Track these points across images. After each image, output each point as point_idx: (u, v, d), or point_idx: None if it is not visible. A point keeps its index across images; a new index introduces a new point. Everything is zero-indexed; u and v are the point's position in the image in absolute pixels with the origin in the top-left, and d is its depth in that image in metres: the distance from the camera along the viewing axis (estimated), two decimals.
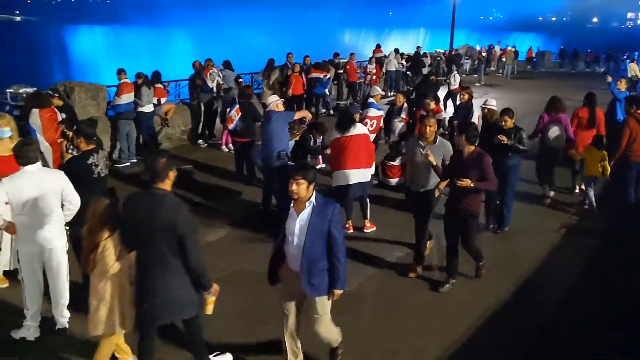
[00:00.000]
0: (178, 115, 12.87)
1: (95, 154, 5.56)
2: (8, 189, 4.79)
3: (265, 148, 8.09)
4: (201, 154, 12.12)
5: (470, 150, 6.08)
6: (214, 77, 12.54)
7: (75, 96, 10.51)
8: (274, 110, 8.09)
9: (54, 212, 5.01)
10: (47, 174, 5.07)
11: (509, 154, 7.71)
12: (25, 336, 5.19)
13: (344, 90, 18.55)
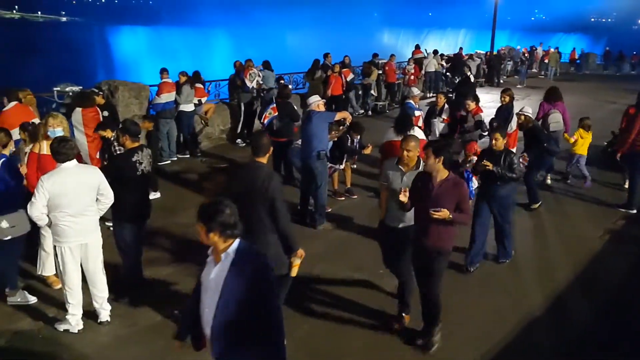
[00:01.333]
0: (217, 115, 13.03)
1: (140, 151, 5.68)
2: (47, 186, 4.92)
3: (305, 148, 8.11)
4: (239, 154, 12.23)
5: (444, 177, 4.92)
6: (254, 77, 12.65)
7: (119, 95, 10.74)
8: (315, 110, 8.10)
9: (90, 207, 5.16)
10: (83, 170, 5.21)
11: (498, 183, 6.68)
12: (68, 329, 5.33)
13: (382, 91, 18.46)
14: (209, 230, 3.28)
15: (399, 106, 16.08)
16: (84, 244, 5.20)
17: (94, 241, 5.27)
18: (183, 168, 10.80)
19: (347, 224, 8.37)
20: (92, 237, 5.24)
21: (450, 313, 5.94)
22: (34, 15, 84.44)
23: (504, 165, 6.50)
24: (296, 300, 6.05)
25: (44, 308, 5.72)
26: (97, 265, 5.35)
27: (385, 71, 17.99)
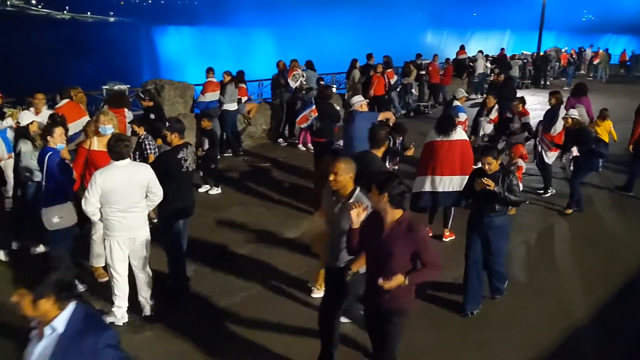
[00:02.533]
0: (260, 114, 13.14)
1: (185, 148, 5.77)
2: (99, 182, 5.06)
3: (347, 148, 8.09)
4: (281, 153, 12.31)
5: (395, 218, 3.85)
6: (298, 77, 12.71)
7: (165, 94, 10.95)
8: (357, 110, 8.08)
9: (140, 203, 5.28)
10: (135, 167, 5.33)
11: (496, 208, 5.71)
12: (114, 321, 5.45)
13: (425, 92, 18.29)
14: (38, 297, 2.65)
15: (442, 107, 15.90)
16: (132, 238, 5.33)
17: (142, 236, 5.39)
18: (225, 166, 10.93)
19: None
20: (140, 232, 5.37)
21: (494, 318, 5.86)
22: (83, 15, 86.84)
23: (503, 186, 5.64)
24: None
25: (92, 300, 5.87)
26: (143, 260, 5.48)
27: (429, 71, 17.82)
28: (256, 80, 14.38)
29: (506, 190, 5.59)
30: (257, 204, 9.02)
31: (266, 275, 6.58)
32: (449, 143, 7.32)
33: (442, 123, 7.53)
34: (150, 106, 9.19)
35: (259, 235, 7.79)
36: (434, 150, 7.44)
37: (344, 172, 4.43)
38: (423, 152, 7.67)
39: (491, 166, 5.67)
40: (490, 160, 5.64)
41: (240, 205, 8.96)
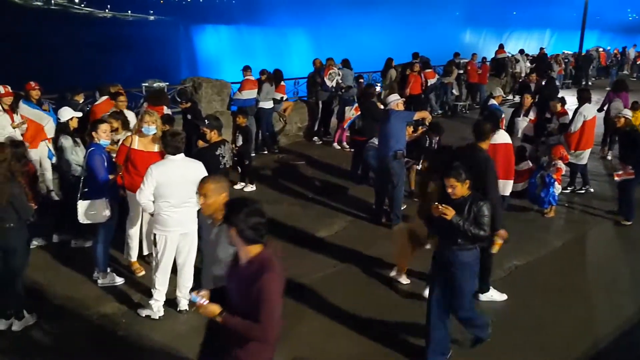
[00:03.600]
0: (295, 113, 13.17)
1: (223, 145, 5.84)
2: (155, 175, 5.17)
3: (382, 147, 8.05)
4: (315, 151, 12.32)
5: (250, 255, 3.19)
6: (334, 76, 12.69)
7: (203, 91, 11.07)
8: (394, 109, 8.02)
9: (191, 199, 5.33)
10: (189, 164, 5.40)
11: (459, 242, 4.74)
12: (150, 314, 5.54)
13: (463, 91, 18.05)
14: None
15: (479, 107, 15.67)
16: (183, 234, 5.41)
17: (191, 232, 5.47)
18: (260, 164, 10.99)
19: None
20: (190, 227, 5.44)
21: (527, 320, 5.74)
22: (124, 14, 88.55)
23: (468, 217, 4.67)
24: (370, 300, 6.04)
25: (130, 293, 5.97)
26: (190, 256, 5.55)
27: (467, 71, 17.58)
28: (292, 79, 14.41)
29: (471, 221, 4.65)
30: (291, 202, 9.05)
31: (298, 273, 6.58)
32: (492, 146, 7.18)
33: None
34: (187, 107, 9.31)
35: (292, 232, 7.80)
36: None
37: (214, 194, 3.85)
38: None
39: (455, 190, 4.71)
40: (454, 182, 4.71)
41: (275, 202, 8.99)
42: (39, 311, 5.48)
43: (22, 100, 7.93)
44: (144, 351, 5.08)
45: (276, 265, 3.17)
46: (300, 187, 9.69)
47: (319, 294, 6.14)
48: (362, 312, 5.82)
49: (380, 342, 5.27)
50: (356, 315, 5.76)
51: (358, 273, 6.70)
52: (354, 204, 8.96)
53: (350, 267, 6.86)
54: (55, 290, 5.98)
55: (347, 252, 7.24)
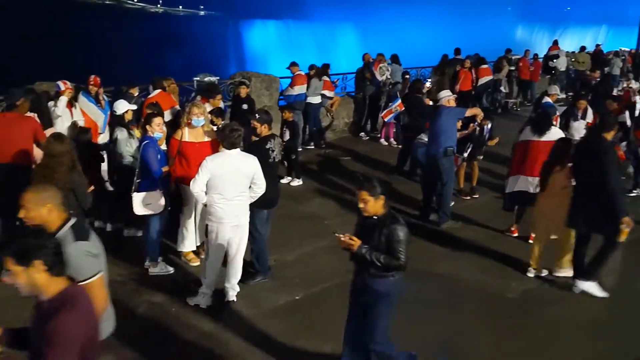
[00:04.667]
0: (342, 108, 13.16)
1: (272, 139, 5.88)
2: (210, 166, 5.26)
3: (432, 143, 7.94)
4: (362, 147, 12.28)
5: (53, 292, 2.60)
6: (384, 71, 12.62)
7: (252, 86, 11.17)
8: (445, 105, 7.92)
9: (244, 193, 5.43)
10: (244, 158, 5.47)
11: (371, 271, 4.15)
12: (199, 303, 5.65)
13: (514, 88, 17.66)
14: None
15: (530, 105, 15.31)
16: (235, 226, 5.50)
17: (243, 224, 5.56)
18: (307, 159, 11.03)
19: (472, 224, 8.10)
20: (242, 220, 5.53)
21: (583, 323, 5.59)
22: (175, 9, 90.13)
23: (379, 242, 4.05)
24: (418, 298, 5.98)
25: (181, 283, 6.10)
26: (240, 248, 5.65)
27: (519, 67, 17.18)
28: (340, 74, 14.39)
29: (383, 246, 4.01)
30: (337, 197, 9.05)
31: (345, 269, 6.56)
32: (544, 143, 7.03)
33: (538, 121, 7.28)
34: (245, 98, 9.42)
35: (339, 228, 7.76)
36: (527, 150, 7.20)
37: (36, 205, 3.21)
38: (516, 151, 7.42)
39: (367, 206, 4.07)
40: (366, 197, 4.05)
41: (321, 197, 9.02)
42: None
43: (82, 92, 8.17)
44: (192, 340, 5.17)
45: (81, 304, 2.62)
46: (347, 183, 9.67)
47: None
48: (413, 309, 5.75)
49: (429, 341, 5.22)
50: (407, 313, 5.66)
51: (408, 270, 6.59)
52: (401, 201, 8.89)
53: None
54: (110, 277, 6.13)
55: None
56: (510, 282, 6.40)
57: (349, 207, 8.61)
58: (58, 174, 5.00)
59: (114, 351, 4.85)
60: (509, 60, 17.10)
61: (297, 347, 5.09)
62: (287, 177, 9.56)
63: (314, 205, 8.66)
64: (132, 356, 4.86)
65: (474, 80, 14.54)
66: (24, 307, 2.98)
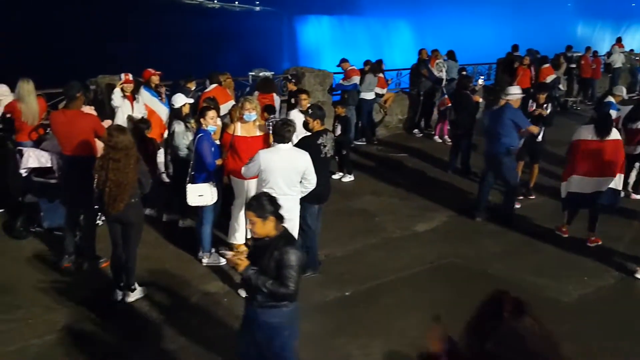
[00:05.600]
0: (396, 104, 13.04)
1: (325, 134, 5.89)
2: (262, 158, 5.32)
3: (494, 141, 7.72)
4: (415, 144, 12.15)
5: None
6: (441, 66, 12.42)
7: (305, 81, 11.19)
8: (511, 104, 7.71)
9: (294, 187, 5.46)
10: (295, 153, 5.52)
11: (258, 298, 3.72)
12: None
13: (574, 87, 17.07)
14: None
15: (592, 104, 14.79)
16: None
17: (292, 219, 5.56)
18: (359, 155, 10.99)
19: (527, 224, 7.89)
20: (291, 214, 5.53)
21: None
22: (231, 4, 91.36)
23: (269, 266, 3.63)
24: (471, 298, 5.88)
25: (232, 275, 6.17)
26: None
27: (581, 65, 16.60)
28: (394, 70, 14.26)
29: (272, 271, 3.60)
30: (389, 194, 8.99)
31: (396, 267, 6.54)
32: (603, 143, 6.83)
33: (599, 122, 7.05)
34: (295, 90, 9.49)
35: (390, 225, 7.76)
36: (584, 150, 6.98)
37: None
38: (572, 150, 7.20)
39: (255, 227, 3.71)
40: (253, 217, 3.69)
41: (373, 194, 8.98)
42: (149, 285, 5.83)
43: (144, 86, 8.39)
44: None
45: None
46: (398, 179, 9.60)
47: (417, 289, 6.07)
48: (464, 309, 5.67)
49: None
50: (457, 313, 5.60)
51: (458, 270, 6.55)
52: (455, 199, 8.76)
53: (449, 263, 6.72)
54: (164, 266, 6.32)
55: (446, 248, 7.10)
56: (566, 285, 6.20)
57: (401, 204, 8.57)
58: (131, 165, 5.14)
59: (166, 338, 5.01)
60: (568, 57, 16.54)
61: (345, 343, 5.09)
62: (339, 172, 9.56)
63: (365, 202, 8.63)
64: (184, 344, 4.97)
65: (533, 77, 14.11)
66: None
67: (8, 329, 4.95)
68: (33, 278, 5.91)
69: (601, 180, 6.92)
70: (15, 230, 6.79)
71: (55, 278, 5.97)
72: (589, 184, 6.94)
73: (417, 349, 4.87)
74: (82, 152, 6.17)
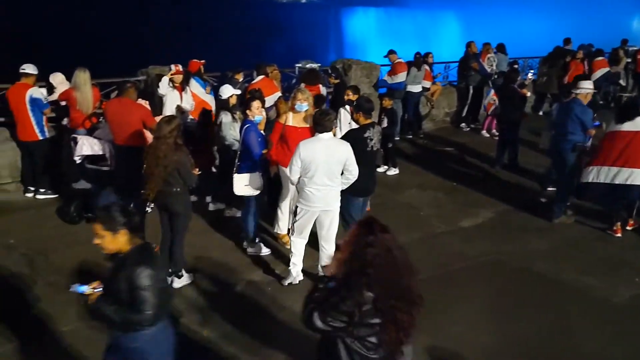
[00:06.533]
0: (443, 97, 12.89)
1: (372, 128, 5.86)
2: (302, 151, 5.35)
3: (561, 136, 7.51)
4: (462, 138, 11.99)
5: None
6: (492, 62, 12.19)
7: (352, 73, 11.18)
8: (580, 99, 7.39)
9: (336, 178, 5.48)
10: (336, 143, 5.52)
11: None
12: (291, 281, 5.83)
13: (629, 82, 16.47)
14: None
15: None
16: (325, 211, 5.58)
17: (334, 210, 5.63)
18: (405, 148, 10.92)
19: (575, 222, 7.68)
20: (332, 206, 5.60)
21: None
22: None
23: (120, 288, 3.17)
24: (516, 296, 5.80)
25: (276, 264, 6.28)
26: (330, 232, 5.70)
27: (637, 60, 15.98)
28: (442, 63, 14.07)
29: (124, 294, 3.15)
30: (434, 188, 8.90)
31: (439, 262, 6.48)
32: (634, 133, 6.72)
33: (623, 109, 6.87)
34: (336, 84, 9.49)
35: (434, 220, 7.69)
36: (615, 140, 6.85)
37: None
38: (603, 141, 7.10)
39: (104, 242, 3.25)
40: (101, 231, 3.24)
41: (418, 187, 8.91)
42: (195, 272, 5.95)
43: (194, 77, 8.53)
44: (285, 320, 5.29)
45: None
46: (444, 174, 9.50)
47: (461, 285, 6.01)
48: (506, 307, 5.61)
49: (522, 340, 5.05)
50: (500, 310, 5.56)
51: (502, 267, 6.45)
52: (501, 195, 8.60)
53: (493, 259, 6.62)
54: (210, 254, 6.44)
55: (491, 244, 6.99)
56: (616, 286, 6.03)
57: (446, 199, 8.48)
58: (163, 153, 5.26)
59: (210, 325, 5.12)
60: (626, 51, 15.97)
61: None
62: (384, 165, 9.51)
63: (410, 196, 8.57)
64: (227, 331, 5.06)
65: (586, 72, 13.69)
66: None
67: (63, 310, 5.14)
68: (86, 261, 6.12)
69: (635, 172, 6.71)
70: (69, 215, 7.04)
71: (106, 262, 6.16)
72: (616, 175, 6.79)
73: (458, 344, 4.89)
74: (132, 141, 6.34)
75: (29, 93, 7.44)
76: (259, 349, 4.84)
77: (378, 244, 2.78)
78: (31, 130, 7.56)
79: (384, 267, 2.77)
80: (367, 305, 2.75)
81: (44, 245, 6.46)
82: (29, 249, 6.38)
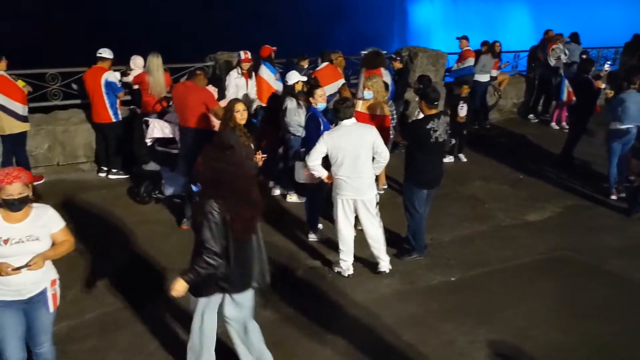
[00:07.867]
0: (511, 87, 12.52)
1: (436, 119, 5.71)
2: (327, 139, 5.36)
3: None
4: (530, 130, 11.62)
5: None
6: (558, 53, 11.59)
7: (418, 61, 10.99)
8: None
9: (366, 165, 5.44)
10: (360, 128, 5.50)
11: None
12: (340, 271, 5.83)
13: None
14: None
15: None
16: (359, 200, 5.56)
17: (367, 198, 5.58)
18: (471, 139, 10.67)
19: None
20: (366, 194, 5.56)
21: None
22: None
23: None
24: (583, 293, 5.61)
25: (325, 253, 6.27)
26: (370, 220, 5.67)
27: None
28: (512, 52, 13.64)
29: None
30: (499, 181, 8.69)
31: (505, 256, 6.34)
32: None
33: None
34: (400, 69, 9.37)
35: (499, 213, 7.52)
36: None
37: None
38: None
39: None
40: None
41: (483, 179, 8.72)
42: None
43: (265, 62, 8.61)
44: (343, 306, 5.32)
45: None
46: (510, 166, 9.25)
47: (526, 280, 5.86)
48: (573, 304, 5.44)
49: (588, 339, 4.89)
50: (565, 307, 5.40)
51: (570, 263, 6.24)
52: (569, 190, 8.32)
53: (561, 255, 6.42)
54: (272, 239, 6.51)
55: (559, 240, 6.78)
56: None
57: (511, 192, 8.28)
58: (220, 132, 5.44)
59: (271, 307, 5.19)
60: None
61: (448, 328, 5.02)
62: (449, 156, 9.32)
63: (475, 188, 8.40)
64: (287, 314, 5.14)
65: None
66: None
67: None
68: (154, 239, 6.34)
69: None
70: (139, 195, 7.31)
71: (175, 238, 6.40)
72: None
73: (522, 339, 4.78)
74: (195, 124, 6.47)
75: (104, 77, 7.73)
76: (318, 333, 4.88)
77: (224, 160, 3.70)
78: (105, 113, 7.85)
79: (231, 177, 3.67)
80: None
81: (114, 223, 6.73)
82: (99, 227, 6.66)
